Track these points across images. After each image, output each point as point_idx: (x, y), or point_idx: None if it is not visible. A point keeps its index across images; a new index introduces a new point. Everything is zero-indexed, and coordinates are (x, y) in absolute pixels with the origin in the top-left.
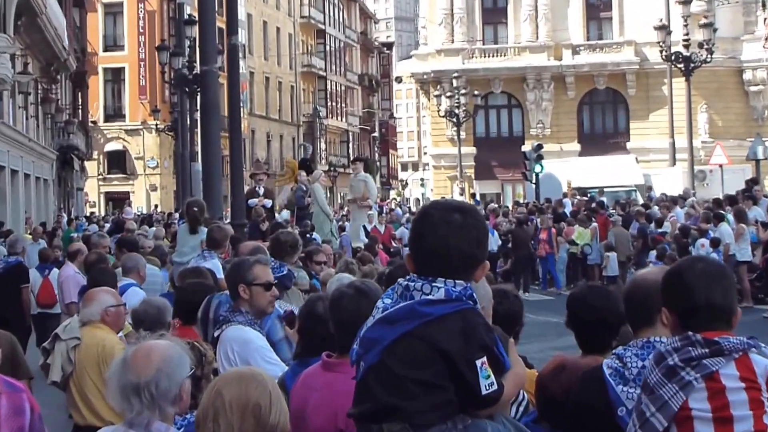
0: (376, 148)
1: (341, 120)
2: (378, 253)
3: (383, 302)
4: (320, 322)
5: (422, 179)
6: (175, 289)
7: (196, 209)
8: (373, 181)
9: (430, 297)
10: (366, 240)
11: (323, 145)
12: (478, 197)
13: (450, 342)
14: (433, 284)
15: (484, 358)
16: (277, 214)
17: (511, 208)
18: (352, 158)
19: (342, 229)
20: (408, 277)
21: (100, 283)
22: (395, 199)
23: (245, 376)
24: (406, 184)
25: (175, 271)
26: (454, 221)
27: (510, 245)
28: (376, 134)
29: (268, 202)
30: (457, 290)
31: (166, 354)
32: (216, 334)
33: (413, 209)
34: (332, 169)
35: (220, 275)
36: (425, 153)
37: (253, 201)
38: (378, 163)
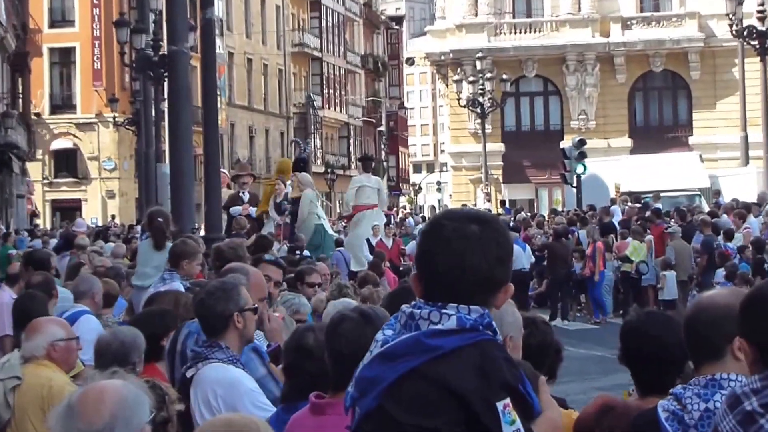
0: (382, 146)
1: (340, 111)
2: (385, 272)
3: (383, 334)
4: (310, 357)
5: (439, 183)
6: (131, 320)
7: (161, 220)
8: (383, 185)
9: (439, 327)
10: (370, 257)
11: (318, 142)
12: (507, 204)
13: (464, 381)
14: (443, 311)
15: (508, 400)
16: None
17: (546, 217)
18: (357, 157)
19: (339, 243)
20: (414, 303)
21: (29, 312)
22: (406, 207)
23: (235, 424)
24: (420, 188)
25: (135, 297)
26: (471, 234)
27: (545, 263)
28: (382, 128)
29: (254, 211)
30: (473, 318)
31: (120, 396)
32: (189, 374)
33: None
34: (330, 171)
35: None
36: (442, 151)
37: (235, 209)
38: (385, 164)
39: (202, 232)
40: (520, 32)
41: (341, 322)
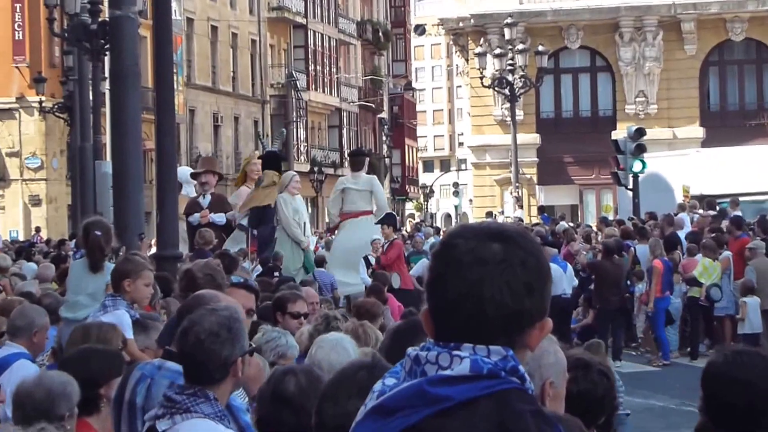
0: (384, 137)
1: (330, 94)
2: (388, 300)
3: (383, 383)
4: (290, 407)
5: (456, 185)
6: (60, 362)
7: (100, 234)
8: (381, 186)
9: (447, 372)
10: (368, 280)
11: (302, 133)
12: (544, 212)
13: None
14: (455, 353)
15: None
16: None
17: (594, 228)
18: (348, 152)
19: (319, 263)
20: (423, 345)
21: None
22: (414, 216)
23: None
24: (431, 192)
25: (64, 333)
26: (490, 256)
27: (593, 286)
28: (384, 115)
29: (220, 218)
30: (492, 361)
31: None
32: (162, 429)
33: (443, 231)
34: (316, 170)
35: (131, 334)
36: (461, 144)
37: (194, 217)
38: (388, 161)
39: (154, 249)
40: None
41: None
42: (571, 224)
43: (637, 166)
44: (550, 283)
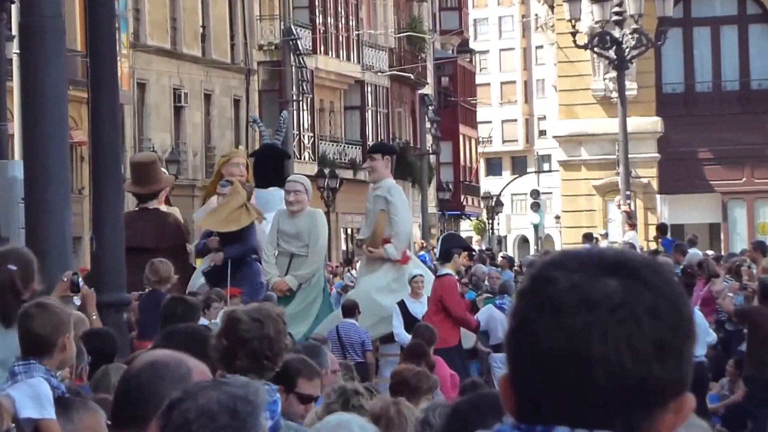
0: (428, 125)
1: (348, 59)
2: (435, 364)
3: None
4: None
5: (536, 194)
6: None
7: (14, 270)
8: (403, 198)
9: None
10: (405, 337)
11: (306, 118)
12: (668, 233)
13: None
14: None
15: None
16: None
17: (748, 260)
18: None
19: (349, 311)
20: (498, 428)
21: None
22: (472, 239)
23: None
24: (498, 205)
25: None
26: (605, 296)
27: (745, 345)
28: (428, 91)
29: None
30: None
31: None
32: None
33: (519, 263)
34: (327, 171)
35: (49, 413)
36: (542, 134)
37: None
38: (432, 159)
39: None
40: None
41: None
42: (711, 253)
43: None
44: (694, 343)
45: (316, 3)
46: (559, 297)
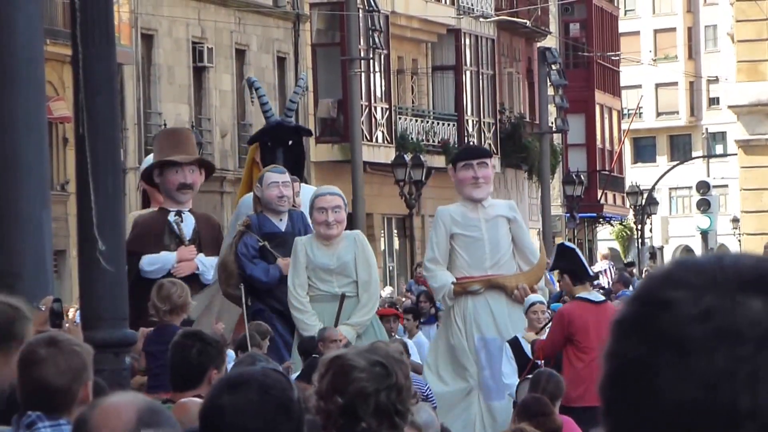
0: (550, 90)
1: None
2: (564, 426)
3: None
4: None
5: (705, 188)
6: None
7: None
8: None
9: None
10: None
11: (379, 81)
12: None
13: None
14: None
15: None
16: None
17: None
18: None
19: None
20: None
21: None
22: (607, 253)
23: None
24: (652, 204)
25: None
26: (749, 324)
27: None
28: (550, 43)
29: (209, 263)
30: None
31: None
32: None
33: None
34: (409, 158)
35: None
36: (713, 102)
37: (156, 260)
38: (556, 140)
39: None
40: None
41: None
42: None
43: None
44: None
45: None
46: (684, 329)
